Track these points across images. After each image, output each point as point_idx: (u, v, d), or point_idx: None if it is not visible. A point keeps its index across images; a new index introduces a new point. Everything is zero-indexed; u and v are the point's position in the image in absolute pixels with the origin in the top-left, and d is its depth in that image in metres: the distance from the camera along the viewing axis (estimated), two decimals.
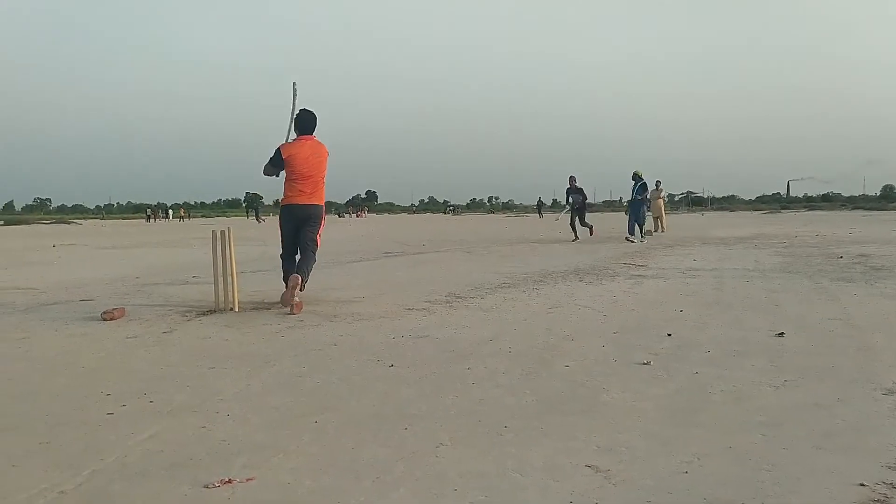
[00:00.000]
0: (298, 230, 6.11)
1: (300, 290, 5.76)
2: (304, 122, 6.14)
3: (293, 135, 6.19)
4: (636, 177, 15.72)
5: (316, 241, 6.15)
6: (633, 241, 14.55)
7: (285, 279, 5.88)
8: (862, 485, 2.14)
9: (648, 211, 16.91)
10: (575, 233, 15.85)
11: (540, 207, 53.35)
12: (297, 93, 6.17)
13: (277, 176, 6.18)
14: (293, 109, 6.10)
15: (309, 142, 6.13)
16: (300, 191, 6.06)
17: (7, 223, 46.75)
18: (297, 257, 6.08)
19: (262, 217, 45.16)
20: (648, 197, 16.63)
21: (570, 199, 16.10)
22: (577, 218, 15.97)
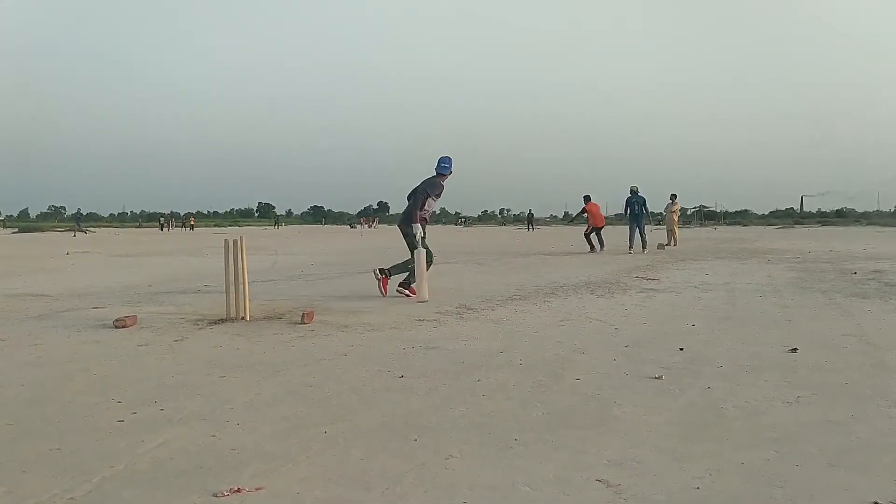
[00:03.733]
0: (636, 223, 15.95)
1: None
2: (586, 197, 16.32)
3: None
4: (635, 191, 16.37)
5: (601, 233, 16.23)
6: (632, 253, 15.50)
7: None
8: (876, 503, 2.11)
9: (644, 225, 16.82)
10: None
11: (530, 220, 52.68)
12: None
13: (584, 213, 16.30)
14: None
15: (590, 204, 16.26)
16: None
17: (22, 230, 47.17)
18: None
19: (87, 230, 42.96)
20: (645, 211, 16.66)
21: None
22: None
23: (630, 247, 16.02)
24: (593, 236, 16.18)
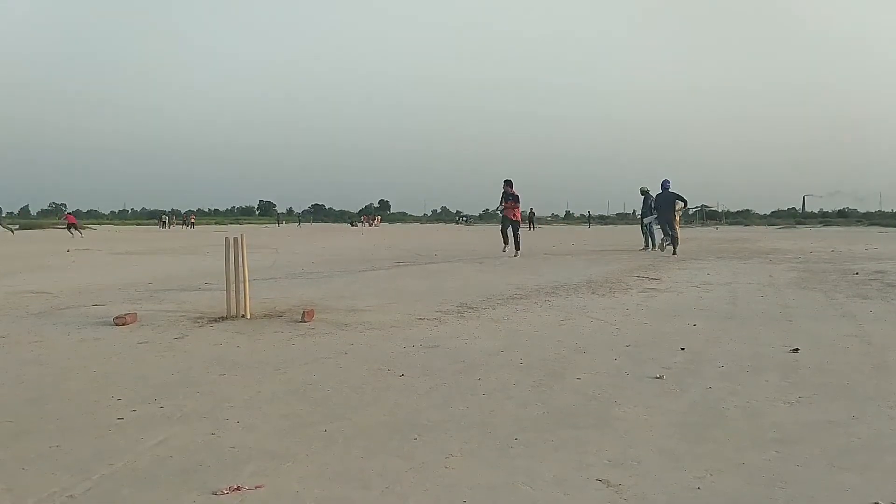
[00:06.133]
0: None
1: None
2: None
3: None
4: (646, 192, 16.92)
5: None
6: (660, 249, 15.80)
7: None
8: None
9: (657, 225, 17.08)
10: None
11: (531, 219, 52.79)
12: None
13: None
14: None
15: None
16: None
17: (23, 228, 47.13)
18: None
19: (11, 227, 36.50)
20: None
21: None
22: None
23: (667, 244, 16.03)
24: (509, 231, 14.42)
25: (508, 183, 14.23)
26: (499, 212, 14.75)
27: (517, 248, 14.04)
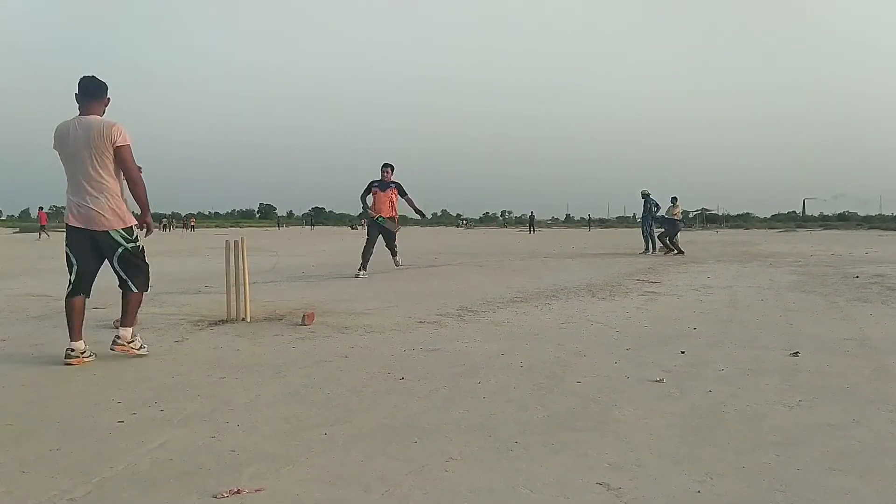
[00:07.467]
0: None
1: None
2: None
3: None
4: (647, 195, 17.24)
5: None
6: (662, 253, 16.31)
7: None
8: None
9: (659, 227, 17.12)
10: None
11: (532, 222, 52.86)
12: None
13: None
14: None
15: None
16: None
17: (23, 230, 47.14)
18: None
19: None
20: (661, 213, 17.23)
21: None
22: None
23: (675, 253, 16.12)
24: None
25: (388, 167, 10.76)
26: (367, 213, 11.06)
27: (394, 254, 11.44)
